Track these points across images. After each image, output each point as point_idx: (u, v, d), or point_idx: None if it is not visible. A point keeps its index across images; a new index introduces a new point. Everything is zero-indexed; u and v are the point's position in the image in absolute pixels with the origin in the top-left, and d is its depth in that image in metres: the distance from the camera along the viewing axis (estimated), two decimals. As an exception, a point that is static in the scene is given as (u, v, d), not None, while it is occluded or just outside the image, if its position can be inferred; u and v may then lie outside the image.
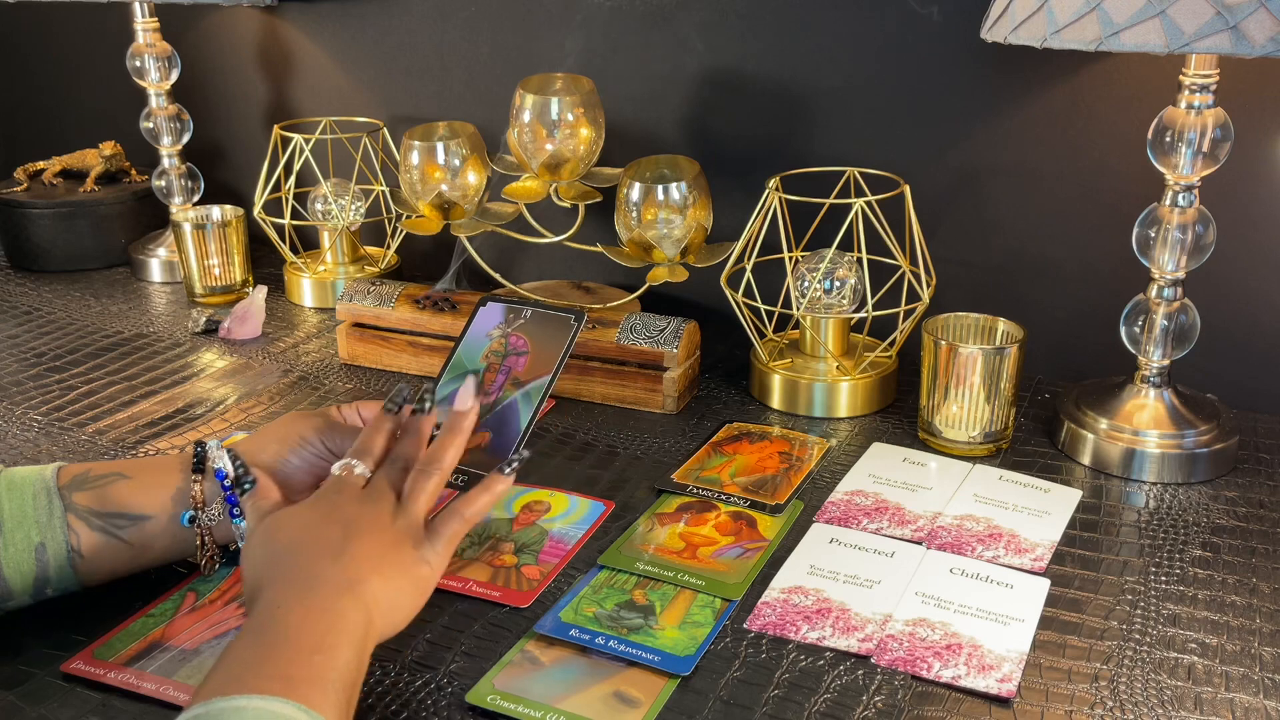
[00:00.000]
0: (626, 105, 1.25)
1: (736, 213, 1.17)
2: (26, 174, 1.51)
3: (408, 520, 0.69)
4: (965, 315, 1.00)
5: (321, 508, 0.69)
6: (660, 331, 1.04)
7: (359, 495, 0.70)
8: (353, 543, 0.65)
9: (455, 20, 1.33)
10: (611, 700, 0.67)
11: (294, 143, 1.27)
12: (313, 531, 0.67)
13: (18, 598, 0.72)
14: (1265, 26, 0.74)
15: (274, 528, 0.68)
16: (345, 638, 0.60)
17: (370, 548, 0.66)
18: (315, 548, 0.65)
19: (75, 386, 1.11)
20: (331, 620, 0.61)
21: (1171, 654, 0.72)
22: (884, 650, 0.72)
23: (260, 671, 0.56)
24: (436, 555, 0.68)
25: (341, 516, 0.68)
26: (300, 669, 0.57)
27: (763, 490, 0.91)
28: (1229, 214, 0.99)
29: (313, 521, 0.68)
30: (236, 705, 0.54)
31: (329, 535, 0.66)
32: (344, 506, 0.69)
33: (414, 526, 0.69)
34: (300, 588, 0.62)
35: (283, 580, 0.63)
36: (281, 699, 0.54)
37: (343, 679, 0.59)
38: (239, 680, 0.56)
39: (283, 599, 0.62)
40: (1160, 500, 0.90)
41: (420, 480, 0.71)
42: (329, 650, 0.59)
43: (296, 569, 0.64)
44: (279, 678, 0.56)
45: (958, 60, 1.09)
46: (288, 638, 0.59)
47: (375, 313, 1.14)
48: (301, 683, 0.56)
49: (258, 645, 0.59)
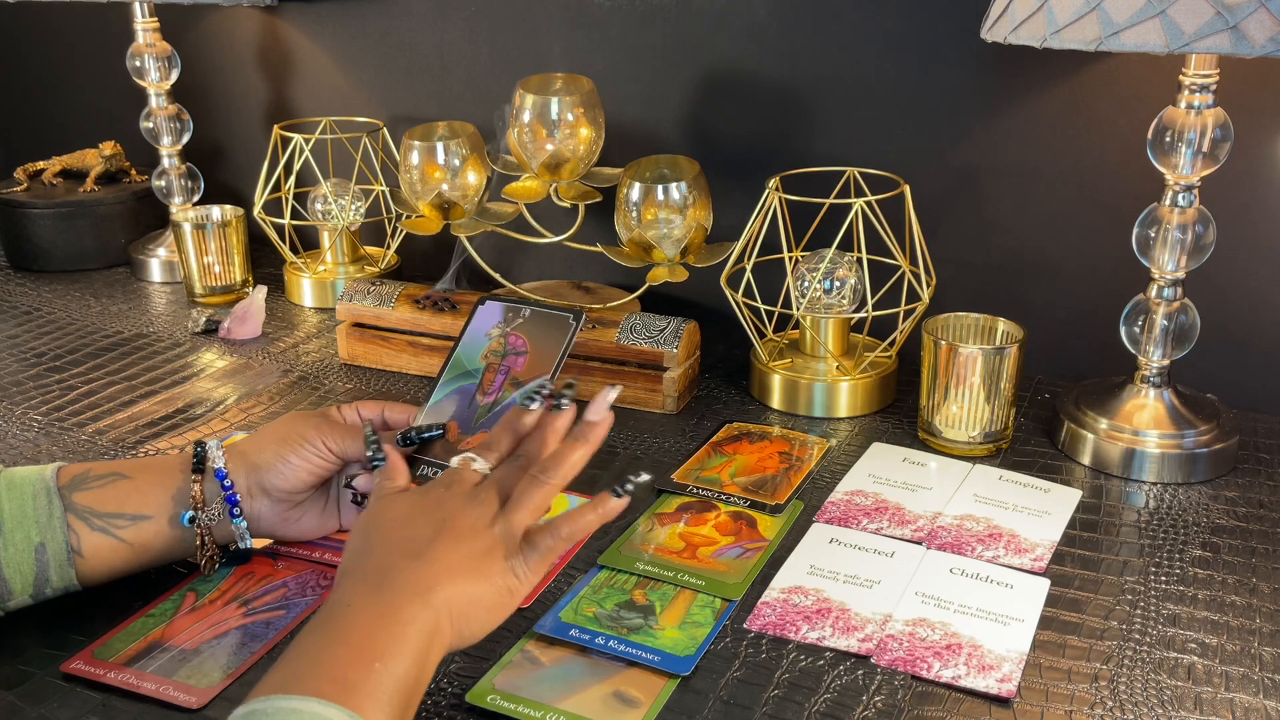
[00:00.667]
0: (626, 105, 1.25)
1: (736, 213, 1.17)
2: (26, 174, 1.51)
3: (506, 528, 0.66)
4: (965, 315, 1.00)
5: (425, 501, 0.67)
6: (660, 331, 1.04)
7: (465, 493, 0.68)
8: (439, 544, 0.64)
9: (455, 20, 1.33)
10: (611, 700, 0.67)
11: (294, 143, 1.27)
12: (406, 526, 0.65)
13: (18, 598, 0.72)
14: (1265, 26, 0.74)
15: (378, 512, 0.67)
16: (409, 645, 0.59)
17: (455, 552, 0.64)
18: (401, 544, 0.64)
19: (75, 386, 1.11)
20: (398, 626, 0.59)
21: (1171, 654, 0.72)
22: (884, 650, 0.72)
23: (319, 672, 0.56)
24: (526, 569, 0.66)
25: (438, 515, 0.66)
26: (358, 675, 0.57)
27: (763, 490, 0.91)
28: (1229, 214, 0.99)
29: (411, 514, 0.66)
30: (291, 706, 0.54)
31: (419, 532, 0.65)
32: (446, 503, 0.67)
33: (510, 535, 0.66)
34: (373, 586, 0.62)
35: (360, 574, 0.63)
36: (336, 705, 0.54)
37: (401, 688, 0.58)
38: (298, 678, 0.56)
39: (354, 596, 0.61)
40: (1160, 500, 0.90)
41: (530, 488, 0.68)
42: (390, 658, 0.58)
43: (375, 564, 0.63)
44: (337, 681, 0.56)
45: (958, 60, 1.09)
46: (351, 640, 0.58)
47: (375, 313, 1.14)
48: (358, 690, 0.56)
49: (322, 641, 0.59)
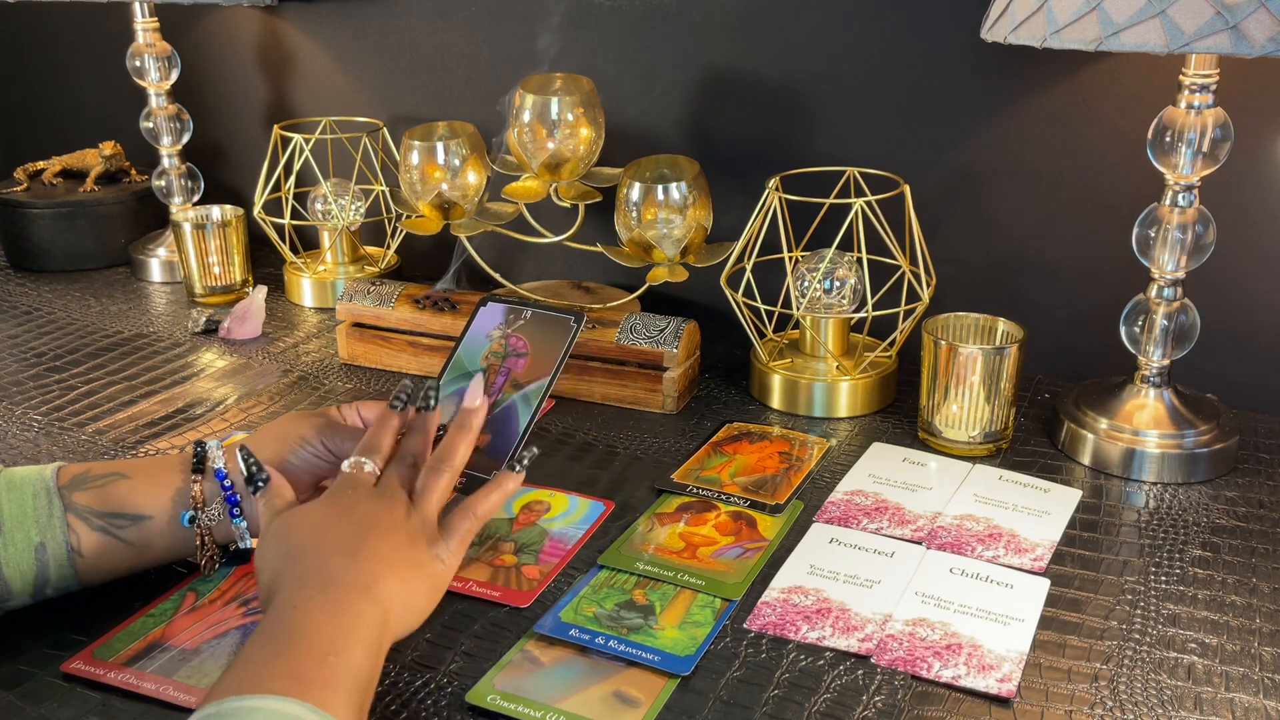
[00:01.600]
0: (626, 105, 1.25)
1: (736, 213, 1.17)
2: (26, 174, 1.51)
3: (421, 518, 0.69)
4: (965, 315, 1.00)
5: (335, 506, 0.69)
6: (660, 331, 1.04)
7: (372, 493, 0.70)
8: (368, 541, 0.66)
9: (455, 20, 1.33)
10: (611, 700, 0.67)
11: (294, 143, 1.27)
12: (327, 530, 0.67)
13: (18, 598, 0.72)
14: (1265, 26, 0.74)
15: (288, 526, 0.68)
16: (360, 638, 0.60)
17: (385, 546, 0.66)
18: (330, 546, 0.65)
19: (75, 386, 1.11)
20: (347, 620, 0.61)
21: (1171, 654, 0.72)
22: (884, 650, 0.72)
23: (273, 671, 0.56)
24: (450, 553, 0.69)
25: (356, 515, 0.68)
26: (314, 669, 0.57)
27: (763, 490, 0.91)
28: (1229, 214, 0.99)
29: (327, 520, 0.68)
30: (249, 705, 0.54)
31: (344, 533, 0.66)
32: (358, 504, 0.69)
33: (428, 524, 0.69)
34: (315, 587, 0.62)
35: (297, 579, 0.63)
36: (294, 700, 0.54)
37: (357, 679, 0.58)
38: (252, 680, 0.56)
39: (297, 598, 0.62)
40: (1160, 500, 0.90)
41: (431, 478, 0.71)
42: (343, 651, 0.59)
43: (312, 568, 0.64)
44: (292, 677, 0.56)
45: (958, 60, 1.09)
46: (302, 637, 0.59)
47: (375, 313, 1.14)
48: (314, 683, 0.56)
49: (272, 645, 0.59)
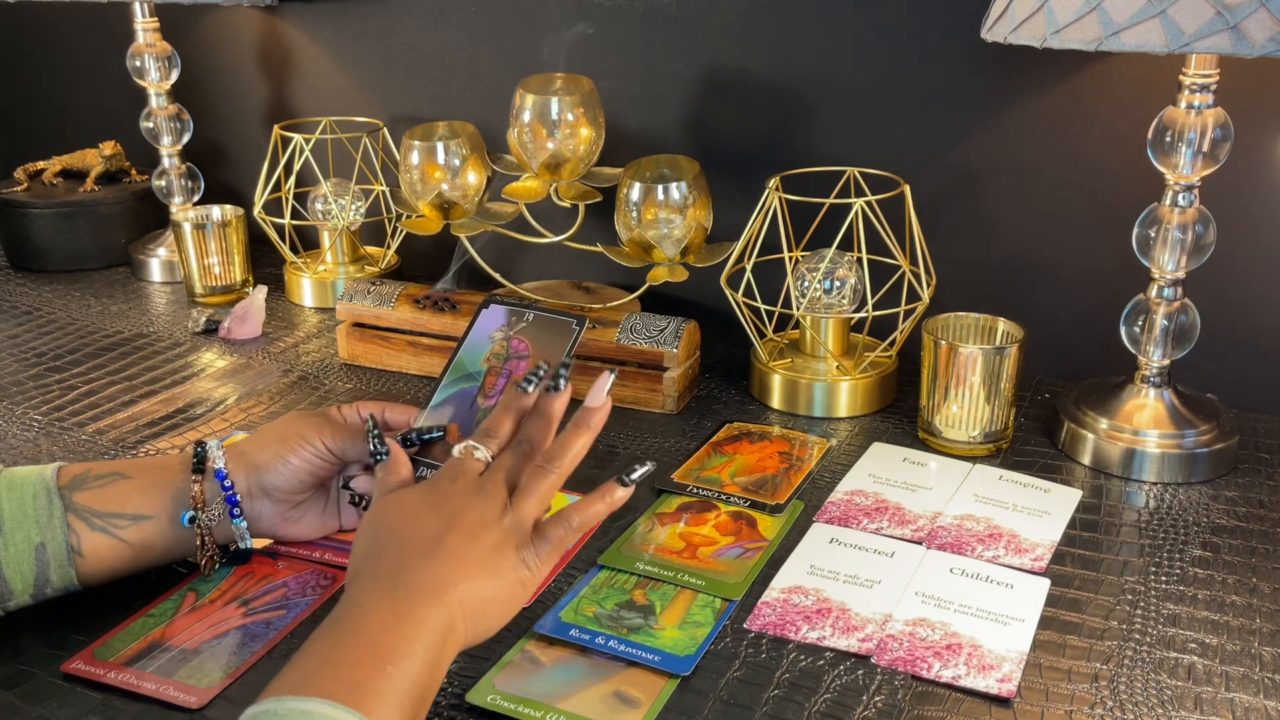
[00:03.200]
0: (626, 105, 1.25)
1: (736, 213, 1.17)
2: (26, 174, 1.51)
3: (515, 520, 0.66)
4: (965, 315, 1.00)
5: (433, 497, 0.67)
6: (660, 331, 1.04)
7: (471, 486, 0.67)
8: (450, 540, 0.64)
9: (455, 20, 1.33)
10: (611, 700, 0.67)
11: (294, 143, 1.27)
12: (415, 522, 0.65)
13: (18, 598, 0.72)
14: (1265, 26, 0.74)
15: (384, 509, 0.67)
16: (422, 645, 0.59)
17: (468, 547, 0.64)
18: (413, 542, 0.64)
19: (75, 386, 1.11)
20: (411, 627, 0.59)
21: (1171, 654, 0.72)
22: (884, 650, 0.72)
23: (330, 674, 0.56)
24: (538, 561, 0.66)
25: (448, 509, 0.66)
26: (370, 676, 0.56)
27: (763, 490, 0.91)
28: (1229, 214, 0.99)
29: (420, 510, 0.66)
30: (302, 708, 0.54)
31: (429, 528, 0.64)
32: (454, 498, 0.66)
33: (520, 528, 0.66)
34: (386, 586, 0.61)
35: (372, 574, 0.62)
36: (345, 708, 0.54)
37: (413, 689, 0.58)
38: (308, 680, 0.56)
39: (367, 597, 0.61)
40: (1160, 500, 0.90)
41: (536, 478, 0.68)
42: (404, 659, 0.58)
43: (388, 563, 0.63)
44: (348, 683, 0.56)
45: (958, 60, 1.09)
46: (362, 641, 0.58)
47: (375, 313, 1.14)
48: (370, 692, 0.56)
49: (334, 643, 0.58)
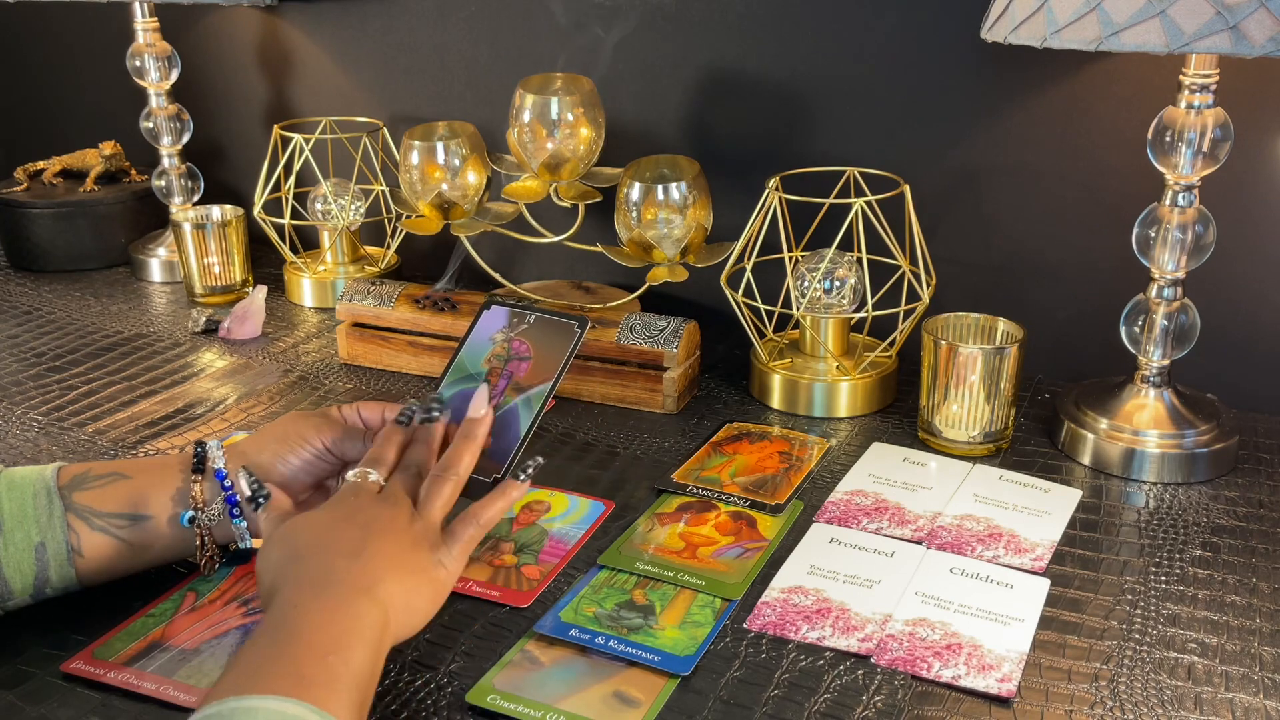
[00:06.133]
0: (626, 105, 1.25)
1: (736, 213, 1.17)
2: (26, 174, 1.51)
3: (425, 523, 0.69)
4: (965, 315, 1.00)
5: (340, 510, 0.69)
6: (660, 331, 1.04)
7: (376, 499, 0.70)
8: (371, 543, 0.66)
9: (455, 20, 1.33)
10: (611, 700, 0.67)
11: (294, 143, 1.27)
12: (331, 532, 0.67)
13: (18, 598, 0.72)
14: (1265, 26, 0.74)
15: (291, 531, 0.68)
16: (360, 638, 0.60)
17: (388, 549, 0.66)
18: (333, 548, 0.65)
19: (75, 386, 1.11)
20: (347, 621, 0.61)
21: (1171, 654, 0.72)
22: (884, 650, 0.72)
23: (273, 671, 0.56)
24: (453, 558, 0.69)
25: (361, 518, 0.68)
26: (314, 669, 0.57)
27: (763, 490, 0.91)
28: (1229, 214, 0.99)
29: (331, 523, 0.68)
30: (249, 705, 0.54)
31: (348, 535, 0.66)
32: (363, 509, 0.69)
33: (431, 530, 0.69)
34: (316, 587, 0.62)
35: (298, 580, 0.63)
36: (294, 700, 0.54)
37: (357, 680, 0.58)
38: (252, 680, 0.56)
39: (298, 599, 0.62)
40: (1160, 500, 0.90)
41: (436, 485, 0.72)
42: (343, 650, 0.59)
43: (314, 568, 0.64)
44: (292, 677, 0.56)
45: (958, 60, 1.09)
46: (302, 637, 0.59)
47: (375, 313, 1.14)
48: (315, 683, 0.56)
49: (272, 645, 0.59)
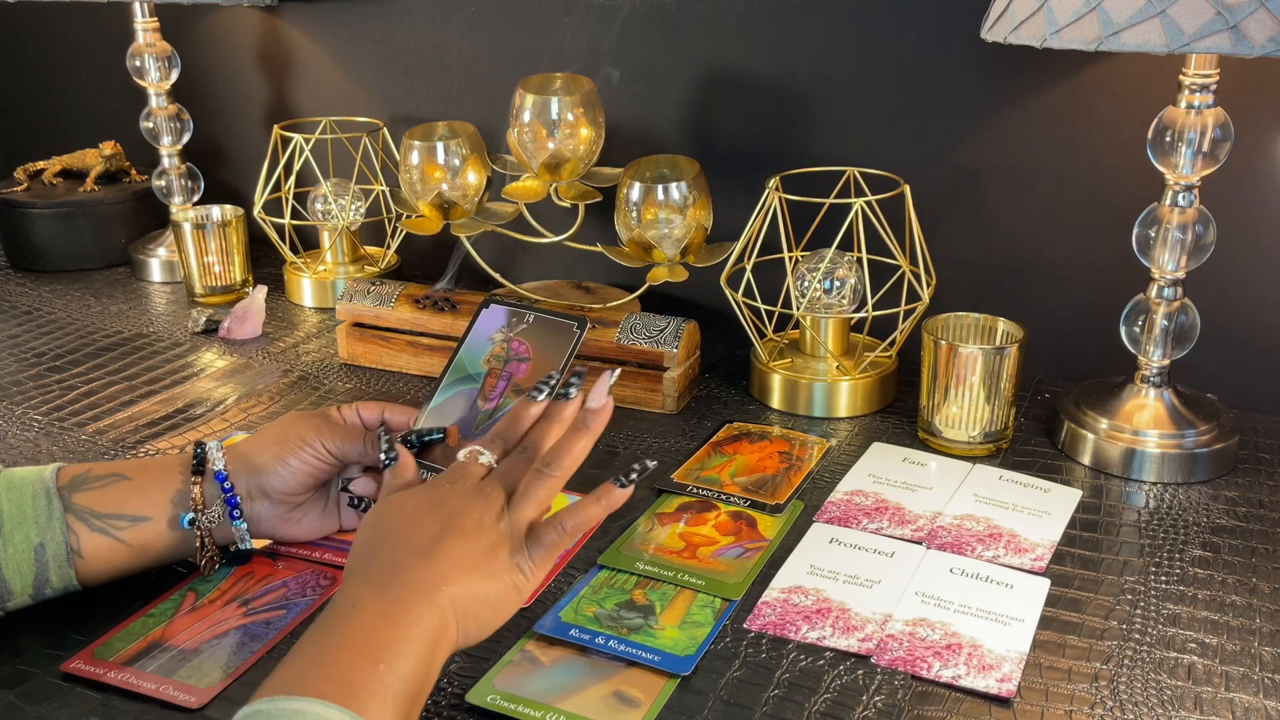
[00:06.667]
0: (626, 105, 1.25)
1: (736, 213, 1.17)
2: (26, 174, 1.51)
3: (511, 524, 0.66)
4: (965, 315, 1.00)
5: (431, 497, 0.67)
6: (660, 331, 1.04)
7: (471, 488, 0.67)
8: (446, 540, 0.63)
9: (455, 20, 1.33)
10: (611, 700, 0.67)
11: (294, 143, 1.27)
12: (412, 523, 0.65)
13: (17, 598, 0.72)
14: (1265, 26, 0.74)
15: (385, 509, 0.67)
16: (414, 644, 0.59)
17: (462, 549, 0.63)
18: (408, 542, 0.64)
19: (75, 386, 1.11)
20: (403, 626, 0.59)
21: (1171, 654, 0.72)
22: (884, 650, 0.72)
23: (323, 674, 0.56)
24: (531, 564, 0.65)
25: (445, 510, 0.65)
26: (364, 676, 0.56)
27: (763, 490, 0.91)
28: (1229, 214, 0.99)
29: (417, 511, 0.66)
30: (295, 707, 0.54)
31: (426, 529, 0.64)
32: (452, 499, 0.66)
33: (515, 531, 0.66)
34: (379, 585, 0.61)
35: (365, 573, 0.62)
36: (338, 707, 0.54)
37: (406, 688, 0.57)
38: (300, 680, 0.56)
39: (360, 596, 0.61)
40: (1160, 500, 0.90)
41: (535, 482, 0.67)
42: (396, 658, 0.58)
43: (382, 563, 0.63)
44: (340, 682, 0.56)
45: (958, 60, 1.09)
46: (355, 640, 0.58)
47: (375, 313, 1.14)
48: (363, 691, 0.56)
49: (325, 643, 0.58)
